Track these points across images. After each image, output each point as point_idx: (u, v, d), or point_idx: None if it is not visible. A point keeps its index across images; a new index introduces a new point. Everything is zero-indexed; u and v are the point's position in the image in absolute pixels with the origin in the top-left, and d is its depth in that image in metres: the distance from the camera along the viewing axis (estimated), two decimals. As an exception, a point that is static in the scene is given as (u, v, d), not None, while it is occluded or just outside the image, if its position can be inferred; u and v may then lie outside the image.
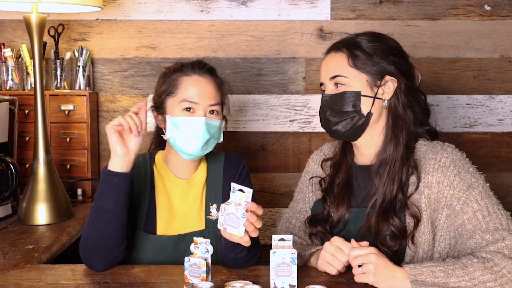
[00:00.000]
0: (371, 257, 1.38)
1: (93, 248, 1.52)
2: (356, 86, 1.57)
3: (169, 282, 1.44)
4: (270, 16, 2.48)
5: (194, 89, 1.65)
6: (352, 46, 1.58)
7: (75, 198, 2.38)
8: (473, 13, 2.48)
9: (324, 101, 1.61)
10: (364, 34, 1.63)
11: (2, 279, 1.48)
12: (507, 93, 2.51)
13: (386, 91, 1.58)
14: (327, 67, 1.62)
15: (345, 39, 1.63)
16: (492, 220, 1.44)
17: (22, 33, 2.48)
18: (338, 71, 1.58)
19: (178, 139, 1.64)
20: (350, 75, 1.57)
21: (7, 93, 2.36)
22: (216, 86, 1.69)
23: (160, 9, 2.48)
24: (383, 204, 1.53)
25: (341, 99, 1.57)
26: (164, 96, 1.68)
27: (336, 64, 1.59)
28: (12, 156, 2.17)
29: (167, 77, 1.70)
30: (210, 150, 1.69)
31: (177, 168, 1.72)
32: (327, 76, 1.60)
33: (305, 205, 1.74)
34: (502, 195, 2.53)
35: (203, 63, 1.72)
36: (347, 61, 1.57)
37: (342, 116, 1.57)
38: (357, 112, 1.56)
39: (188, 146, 1.64)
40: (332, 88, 1.60)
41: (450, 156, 1.53)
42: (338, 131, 1.59)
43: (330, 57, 1.62)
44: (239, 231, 1.39)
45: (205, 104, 1.64)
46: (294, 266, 1.36)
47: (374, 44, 1.58)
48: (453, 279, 1.34)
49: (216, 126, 1.67)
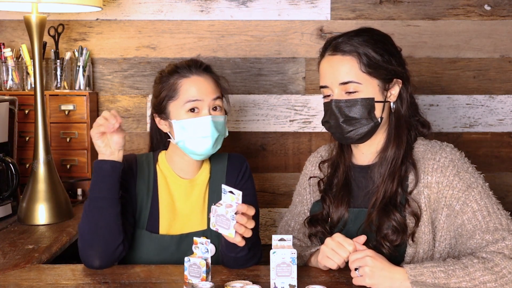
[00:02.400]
0: (367, 260, 1.38)
1: (89, 240, 1.52)
2: (369, 92, 1.53)
3: (169, 282, 1.44)
4: (270, 16, 2.48)
5: (194, 89, 1.65)
6: (360, 49, 1.53)
7: (75, 198, 2.38)
8: (473, 13, 2.48)
9: (334, 107, 1.54)
10: (363, 32, 1.58)
11: (2, 279, 1.48)
12: (507, 93, 2.51)
13: (393, 93, 1.57)
14: (334, 71, 1.55)
15: (347, 40, 1.56)
16: (492, 220, 1.44)
17: (22, 33, 2.48)
18: (350, 77, 1.53)
19: (188, 142, 1.64)
20: (363, 81, 1.53)
21: (7, 93, 2.36)
22: (215, 82, 1.70)
23: (160, 9, 2.48)
24: (383, 200, 1.53)
25: (355, 106, 1.53)
26: (166, 101, 1.67)
27: (347, 69, 1.53)
28: (12, 156, 2.17)
29: (164, 81, 1.68)
30: (219, 147, 1.70)
31: (182, 168, 1.72)
32: (336, 81, 1.54)
33: (303, 207, 1.73)
34: (502, 195, 2.52)
35: (199, 62, 1.71)
36: (359, 67, 1.52)
37: (356, 124, 1.54)
38: (372, 118, 1.54)
39: (199, 147, 1.64)
40: (341, 94, 1.54)
41: (449, 156, 1.53)
42: (350, 138, 1.56)
43: (336, 60, 1.55)
44: (230, 232, 1.39)
45: (208, 100, 1.64)
46: (294, 266, 1.36)
47: (379, 45, 1.55)
48: (453, 279, 1.34)
49: (222, 122, 1.68)
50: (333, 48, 1.57)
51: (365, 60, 1.52)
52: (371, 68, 1.52)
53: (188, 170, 1.73)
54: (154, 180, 1.71)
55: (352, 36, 1.57)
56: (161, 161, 1.75)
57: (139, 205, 1.68)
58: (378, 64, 1.53)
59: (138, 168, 1.71)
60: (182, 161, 1.71)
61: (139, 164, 1.72)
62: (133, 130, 2.53)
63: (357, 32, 1.58)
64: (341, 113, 1.54)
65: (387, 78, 1.55)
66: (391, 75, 1.55)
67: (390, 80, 1.56)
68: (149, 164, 1.73)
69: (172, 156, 1.73)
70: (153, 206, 1.68)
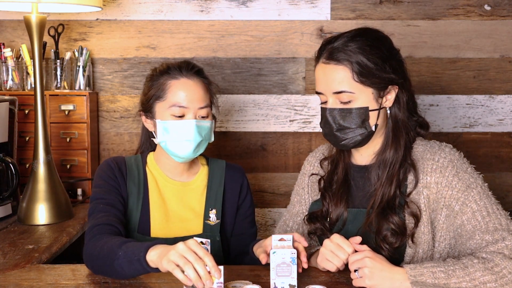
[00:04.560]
0: (366, 261, 1.37)
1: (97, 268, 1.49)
2: (363, 101, 1.52)
3: (169, 282, 1.44)
4: (270, 16, 2.48)
5: (182, 93, 1.63)
6: (353, 58, 1.51)
7: (75, 198, 2.38)
8: (473, 13, 2.48)
9: (328, 115, 1.54)
10: (358, 36, 1.54)
11: (2, 279, 1.48)
12: (507, 93, 2.51)
13: (389, 99, 1.56)
14: (328, 80, 1.54)
15: (342, 47, 1.52)
16: (492, 221, 1.44)
17: (22, 33, 2.48)
18: (343, 87, 1.51)
19: (169, 143, 1.64)
20: (356, 90, 1.51)
21: (7, 93, 2.36)
22: (205, 88, 1.67)
23: (160, 9, 2.48)
24: (381, 204, 1.53)
25: (349, 116, 1.52)
26: (153, 101, 1.66)
27: (340, 79, 1.52)
28: (12, 156, 2.17)
29: (155, 80, 1.68)
30: (202, 152, 1.69)
31: (170, 169, 1.72)
32: (330, 90, 1.53)
33: (301, 207, 1.73)
34: (502, 195, 2.53)
35: (190, 65, 1.69)
36: (352, 76, 1.51)
37: (350, 133, 1.53)
38: (366, 127, 1.53)
39: (180, 150, 1.63)
40: (335, 102, 1.54)
41: (448, 156, 1.53)
42: (345, 146, 1.56)
43: (330, 69, 1.53)
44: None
45: (194, 108, 1.63)
46: (294, 266, 1.36)
47: (373, 51, 1.52)
48: (453, 279, 1.34)
49: (207, 127, 1.66)
50: (327, 55, 1.54)
51: (357, 69, 1.50)
52: (363, 77, 1.51)
53: (176, 172, 1.72)
54: (145, 182, 1.70)
55: (347, 42, 1.53)
56: (150, 163, 1.74)
57: (130, 207, 1.67)
58: (372, 72, 1.51)
59: (127, 170, 1.70)
60: (169, 162, 1.70)
61: (128, 166, 1.70)
62: (133, 130, 2.53)
63: (352, 37, 1.54)
64: (335, 122, 1.54)
65: (381, 86, 1.53)
66: (385, 83, 1.54)
67: (385, 87, 1.55)
68: (138, 166, 1.72)
69: (160, 157, 1.72)
70: (144, 208, 1.67)
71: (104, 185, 1.65)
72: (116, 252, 1.39)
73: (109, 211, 1.59)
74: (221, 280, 1.29)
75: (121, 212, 1.62)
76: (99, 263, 1.45)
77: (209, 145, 1.71)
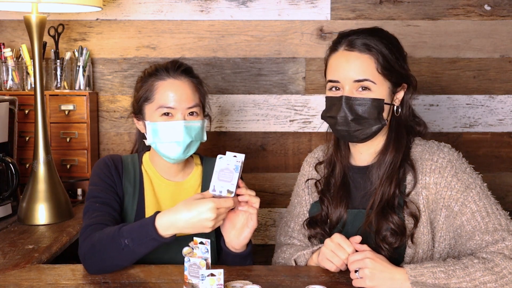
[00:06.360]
0: (367, 262, 1.37)
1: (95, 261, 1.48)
2: (381, 93, 1.52)
3: (169, 282, 1.44)
4: (270, 16, 2.48)
5: (170, 94, 1.62)
6: (379, 49, 1.51)
7: (75, 198, 2.38)
8: (473, 13, 2.48)
9: (345, 104, 1.51)
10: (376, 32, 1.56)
11: (2, 279, 1.48)
12: (507, 93, 2.51)
13: (398, 97, 1.58)
14: (350, 67, 1.52)
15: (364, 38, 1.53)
16: (491, 221, 1.44)
17: (22, 33, 2.48)
18: (366, 75, 1.51)
19: (159, 145, 1.64)
20: (378, 81, 1.51)
21: (7, 93, 2.36)
22: (193, 87, 1.66)
23: (160, 9, 2.48)
24: (381, 203, 1.53)
25: (366, 105, 1.51)
26: (142, 102, 1.67)
27: (364, 67, 1.51)
28: (12, 156, 2.17)
29: (144, 82, 1.68)
30: (193, 152, 1.68)
31: (164, 169, 1.72)
32: (350, 77, 1.51)
33: (302, 208, 1.73)
34: (502, 195, 2.53)
35: (177, 64, 1.68)
36: (376, 66, 1.51)
37: (365, 123, 1.52)
38: (380, 120, 1.53)
39: (170, 151, 1.63)
40: (352, 91, 1.52)
41: (447, 156, 1.53)
42: (356, 137, 1.55)
43: (354, 57, 1.52)
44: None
45: (182, 108, 1.62)
46: (236, 174, 1.42)
47: (394, 48, 1.54)
48: (453, 280, 1.34)
49: (197, 127, 1.65)
50: (350, 43, 1.54)
51: (382, 61, 1.51)
52: (386, 70, 1.52)
53: (171, 172, 1.72)
54: (140, 181, 1.70)
55: (367, 35, 1.54)
56: (146, 163, 1.74)
57: (125, 206, 1.67)
58: (393, 66, 1.53)
59: (124, 169, 1.70)
60: (163, 162, 1.70)
61: (124, 165, 1.71)
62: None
63: (370, 31, 1.56)
64: (351, 111, 1.52)
65: (397, 82, 1.55)
66: (401, 79, 1.56)
67: (399, 84, 1.56)
68: (134, 165, 1.72)
69: (154, 158, 1.72)
70: (139, 207, 1.67)
71: (100, 183, 1.65)
72: (118, 237, 1.43)
73: (104, 211, 1.59)
74: (221, 282, 1.29)
75: (116, 211, 1.62)
76: (100, 257, 1.45)
77: (208, 145, 1.71)
